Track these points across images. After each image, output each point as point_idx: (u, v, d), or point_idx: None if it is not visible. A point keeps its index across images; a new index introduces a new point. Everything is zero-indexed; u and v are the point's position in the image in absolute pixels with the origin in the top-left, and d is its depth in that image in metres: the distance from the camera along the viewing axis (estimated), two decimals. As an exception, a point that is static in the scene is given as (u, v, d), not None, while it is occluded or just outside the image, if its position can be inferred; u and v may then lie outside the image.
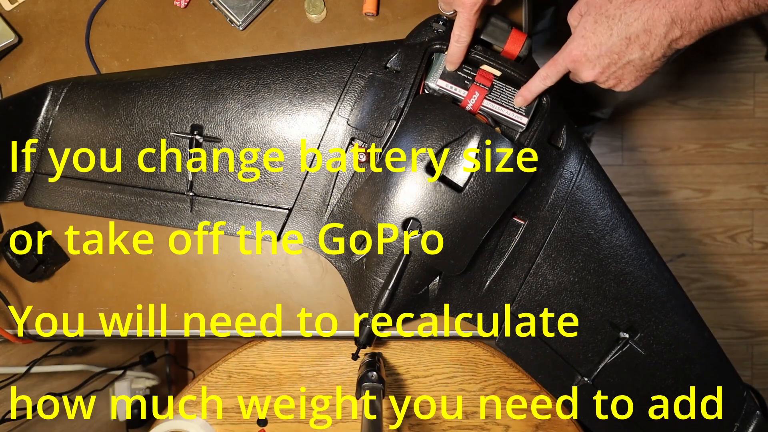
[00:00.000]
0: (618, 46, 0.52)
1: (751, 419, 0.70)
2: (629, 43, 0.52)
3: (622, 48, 0.52)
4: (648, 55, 0.53)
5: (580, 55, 0.54)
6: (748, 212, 1.60)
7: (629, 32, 0.51)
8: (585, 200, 0.65)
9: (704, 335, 0.68)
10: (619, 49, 0.53)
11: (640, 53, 0.52)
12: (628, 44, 0.52)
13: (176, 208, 0.69)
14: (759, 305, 1.62)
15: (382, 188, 0.60)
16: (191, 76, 0.67)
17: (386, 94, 0.63)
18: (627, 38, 0.52)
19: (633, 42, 0.52)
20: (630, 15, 0.51)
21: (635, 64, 0.54)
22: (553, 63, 0.57)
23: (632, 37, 0.52)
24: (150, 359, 1.29)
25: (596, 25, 0.53)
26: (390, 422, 0.77)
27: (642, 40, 0.52)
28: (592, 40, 0.53)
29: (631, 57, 0.53)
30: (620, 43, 0.52)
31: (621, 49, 0.53)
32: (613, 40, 0.52)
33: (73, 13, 0.71)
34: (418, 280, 0.63)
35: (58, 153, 0.69)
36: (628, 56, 0.53)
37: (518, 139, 0.64)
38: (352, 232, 0.66)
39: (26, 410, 0.85)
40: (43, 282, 0.72)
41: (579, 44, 0.54)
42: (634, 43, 0.52)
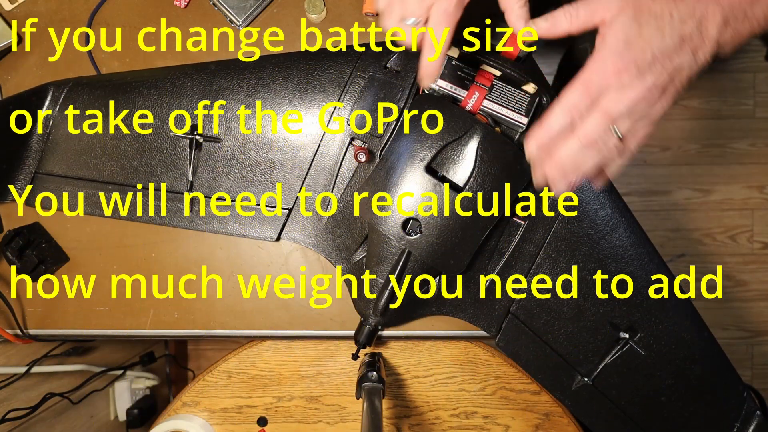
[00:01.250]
0: (671, 49, 0.43)
1: (751, 419, 0.70)
2: (682, 45, 0.43)
3: (676, 50, 0.43)
4: (696, 62, 0.44)
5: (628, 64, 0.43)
6: (748, 212, 1.60)
7: (683, 31, 0.42)
8: (585, 200, 0.65)
9: (704, 335, 0.68)
10: (672, 52, 0.43)
11: (691, 59, 0.43)
12: (681, 46, 0.43)
13: (176, 208, 0.69)
14: (759, 305, 1.62)
15: (382, 188, 0.60)
16: (191, 76, 0.67)
17: (386, 94, 0.63)
18: (681, 38, 0.43)
19: (686, 43, 0.43)
20: (682, 11, 0.42)
21: (683, 76, 0.44)
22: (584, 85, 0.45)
23: (686, 38, 0.43)
24: (150, 359, 1.29)
25: (641, 27, 0.43)
26: (390, 422, 0.77)
27: (695, 41, 0.43)
28: (639, 44, 0.43)
29: (682, 62, 0.43)
30: (674, 45, 0.43)
31: (674, 53, 0.43)
32: (666, 41, 0.43)
33: (73, 13, 0.71)
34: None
35: (59, 154, 0.69)
36: (679, 61, 0.43)
37: (518, 139, 0.64)
38: (353, 232, 0.66)
39: (26, 410, 0.85)
40: (43, 282, 0.72)
41: (622, 51, 0.43)
42: (687, 45, 0.43)
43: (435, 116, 0.59)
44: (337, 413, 0.77)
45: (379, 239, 0.62)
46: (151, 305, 0.72)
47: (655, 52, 0.43)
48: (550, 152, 0.47)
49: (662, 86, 0.44)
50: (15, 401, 0.86)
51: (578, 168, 0.46)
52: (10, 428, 0.84)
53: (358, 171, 0.66)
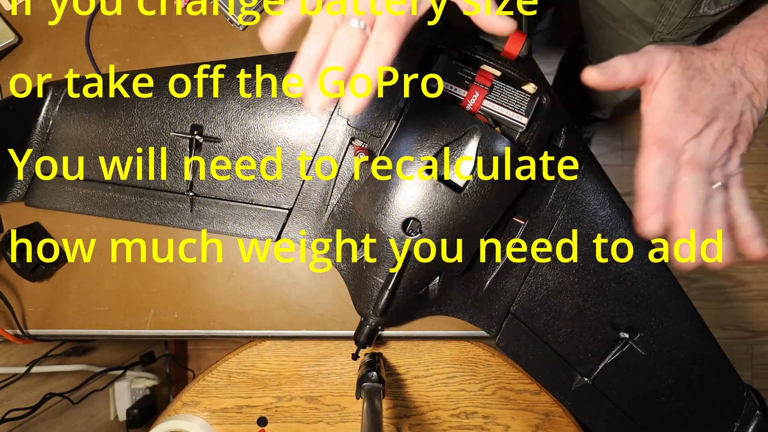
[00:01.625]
0: (726, 96, 0.43)
1: (751, 419, 0.70)
2: (735, 91, 0.44)
3: (731, 96, 0.43)
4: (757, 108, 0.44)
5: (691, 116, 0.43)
6: (748, 212, 1.60)
7: (731, 78, 0.43)
8: (585, 200, 0.65)
9: (704, 335, 0.68)
10: (728, 99, 0.43)
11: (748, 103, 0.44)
12: (734, 92, 0.44)
13: (176, 208, 0.69)
14: (759, 305, 1.62)
15: (382, 188, 0.60)
16: (191, 76, 0.67)
17: (386, 94, 0.63)
18: (731, 85, 0.43)
19: (738, 89, 0.44)
20: (722, 62, 0.44)
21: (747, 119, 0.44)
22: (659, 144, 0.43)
23: (736, 84, 0.44)
24: (150, 359, 1.29)
25: (690, 81, 0.43)
26: (390, 422, 0.77)
27: (746, 88, 0.44)
28: (694, 97, 0.43)
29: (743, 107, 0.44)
30: (726, 92, 0.43)
31: (730, 98, 0.43)
32: (718, 90, 0.43)
33: (73, 13, 0.71)
34: (418, 280, 0.63)
35: (59, 154, 0.69)
36: (738, 106, 0.44)
37: (518, 139, 0.64)
38: (353, 232, 0.66)
39: (26, 410, 0.85)
40: (43, 282, 0.72)
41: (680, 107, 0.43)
42: (740, 91, 0.44)
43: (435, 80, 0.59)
44: (337, 413, 0.77)
45: (379, 239, 0.62)
46: (151, 305, 0.72)
47: (712, 101, 0.43)
48: (680, 217, 0.44)
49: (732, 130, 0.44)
50: (15, 401, 0.86)
51: (718, 225, 0.45)
52: (10, 428, 0.84)
53: (357, 171, 0.66)
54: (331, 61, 0.39)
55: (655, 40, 0.81)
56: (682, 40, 0.81)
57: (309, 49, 0.40)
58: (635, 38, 0.83)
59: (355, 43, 0.39)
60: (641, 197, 0.44)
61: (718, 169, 0.45)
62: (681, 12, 0.74)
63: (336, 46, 0.39)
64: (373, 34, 0.39)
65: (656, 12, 0.76)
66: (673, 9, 0.74)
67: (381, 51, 0.39)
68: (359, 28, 0.39)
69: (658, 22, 0.77)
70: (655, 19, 0.77)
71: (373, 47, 0.39)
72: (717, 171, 0.45)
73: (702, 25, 0.77)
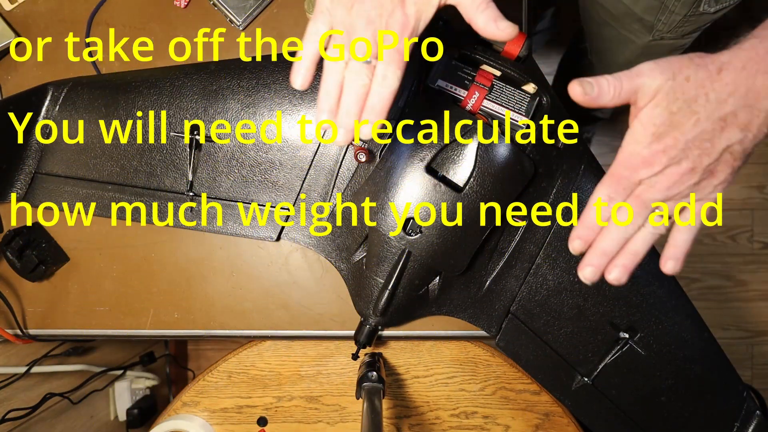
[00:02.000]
0: (709, 132, 0.41)
1: (751, 419, 0.70)
2: (724, 126, 0.41)
3: (715, 132, 0.41)
4: (750, 137, 0.41)
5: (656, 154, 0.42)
6: (748, 212, 1.60)
7: (722, 112, 0.41)
8: (585, 200, 0.65)
9: (704, 335, 0.68)
10: (711, 135, 0.41)
11: (741, 135, 0.41)
12: (723, 127, 0.41)
13: (176, 208, 0.69)
14: (759, 305, 1.62)
15: (382, 188, 0.60)
16: (191, 76, 0.67)
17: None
18: (720, 120, 0.41)
19: (730, 123, 0.41)
20: (719, 90, 0.40)
21: (733, 151, 0.42)
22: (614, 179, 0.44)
23: (728, 118, 0.41)
24: (150, 359, 1.29)
25: (673, 115, 0.41)
26: (390, 422, 0.77)
27: (742, 119, 0.41)
28: (671, 134, 0.41)
29: (730, 140, 0.41)
30: (712, 128, 0.41)
31: (714, 135, 0.41)
32: (701, 126, 0.41)
33: (73, 13, 0.71)
34: (418, 280, 0.63)
35: (59, 154, 0.69)
36: (724, 142, 0.41)
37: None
38: (353, 232, 0.66)
39: (26, 410, 0.85)
40: (43, 282, 0.72)
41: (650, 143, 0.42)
42: (732, 125, 0.41)
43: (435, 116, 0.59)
44: (337, 413, 0.77)
45: (379, 239, 0.62)
46: (151, 305, 0.72)
47: (688, 139, 0.41)
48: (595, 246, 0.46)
49: (705, 167, 0.42)
50: (15, 401, 0.86)
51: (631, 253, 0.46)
52: (10, 428, 0.84)
53: (358, 171, 0.66)
54: (347, 98, 0.44)
55: (655, 38, 0.81)
56: (682, 38, 0.81)
57: (327, 87, 0.45)
58: (635, 37, 0.83)
59: (365, 79, 0.44)
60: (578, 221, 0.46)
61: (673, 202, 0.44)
62: (681, 10, 0.74)
63: (349, 84, 0.44)
64: (378, 68, 0.44)
65: (656, 10, 0.76)
66: (673, 7, 0.74)
67: (388, 82, 0.44)
68: (366, 64, 0.44)
69: (658, 20, 0.77)
70: (655, 18, 0.77)
71: (380, 80, 0.44)
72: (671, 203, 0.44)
73: (702, 23, 0.77)
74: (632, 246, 0.46)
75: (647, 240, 0.46)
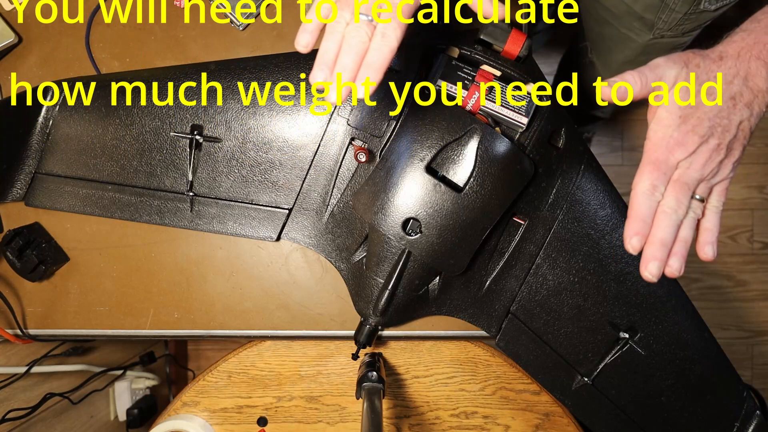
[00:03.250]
0: (725, 110, 0.45)
1: (751, 419, 0.70)
2: (735, 103, 0.45)
3: (730, 110, 0.45)
4: (755, 114, 0.46)
5: (687, 134, 0.45)
6: (748, 212, 1.60)
7: (732, 91, 0.45)
8: (585, 200, 0.65)
9: (704, 335, 0.68)
10: (727, 113, 0.45)
11: (747, 112, 0.46)
12: (734, 104, 0.45)
13: (176, 208, 0.69)
14: (759, 305, 1.62)
15: (382, 188, 0.60)
16: (191, 76, 0.67)
17: (386, 94, 0.63)
18: (732, 98, 0.45)
19: (738, 101, 0.45)
20: (726, 73, 0.45)
21: (744, 128, 0.46)
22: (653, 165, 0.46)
23: (736, 96, 0.45)
24: (150, 359, 1.29)
25: (693, 97, 0.46)
26: (390, 422, 0.77)
27: (746, 98, 0.45)
28: (695, 115, 0.45)
29: (741, 117, 0.46)
30: (726, 106, 0.45)
31: (729, 112, 0.45)
32: (718, 105, 0.45)
33: (73, 14, 0.71)
34: (418, 280, 0.63)
35: (59, 154, 0.69)
36: (737, 117, 0.46)
37: (518, 139, 0.64)
38: (353, 232, 0.66)
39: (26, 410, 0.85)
40: (43, 282, 0.72)
41: (679, 125, 0.46)
42: (740, 102, 0.46)
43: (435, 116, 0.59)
44: (337, 413, 0.77)
45: (379, 239, 0.62)
46: (151, 305, 0.72)
47: (710, 117, 0.45)
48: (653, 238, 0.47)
49: (728, 144, 0.46)
50: (15, 401, 0.86)
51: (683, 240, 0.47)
52: (10, 428, 0.84)
53: (358, 171, 0.66)
54: (345, 55, 0.44)
55: (656, 36, 0.81)
56: (682, 36, 0.81)
57: (326, 45, 0.45)
58: (635, 35, 0.83)
59: (364, 36, 0.44)
60: (629, 216, 0.47)
61: (705, 182, 0.47)
62: (681, 8, 0.74)
63: (348, 40, 0.44)
64: (379, 26, 0.44)
65: (656, 8, 0.76)
66: (673, 5, 0.74)
67: (387, 39, 0.44)
68: (367, 21, 0.44)
69: (658, 18, 0.77)
70: (655, 16, 0.77)
71: (379, 37, 0.44)
72: (703, 184, 0.47)
73: (702, 20, 0.77)
74: (682, 233, 0.47)
75: (692, 225, 0.47)
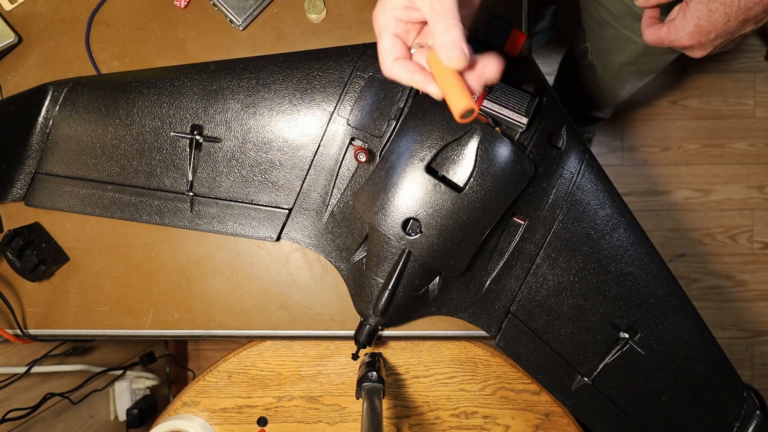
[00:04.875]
0: (735, 28, 0.54)
1: (751, 419, 0.70)
2: (745, 23, 0.53)
3: (738, 28, 0.54)
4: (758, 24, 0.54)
5: (694, 42, 0.56)
6: (748, 212, 1.60)
7: (748, 16, 0.52)
8: (585, 200, 0.65)
9: (704, 335, 0.68)
10: (735, 29, 0.54)
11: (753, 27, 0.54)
12: (744, 24, 0.53)
13: (176, 208, 0.69)
14: (759, 305, 1.62)
15: (382, 188, 0.60)
16: (191, 76, 0.67)
17: (386, 94, 0.63)
18: (745, 20, 0.53)
19: (749, 22, 0.53)
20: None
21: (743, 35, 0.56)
22: (663, 41, 0.58)
23: (750, 19, 0.53)
24: (150, 359, 1.29)
25: (711, 14, 0.53)
26: (390, 422, 0.77)
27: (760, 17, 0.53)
28: (707, 28, 0.54)
29: (744, 32, 0.55)
30: (737, 26, 0.53)
31: (737, 29, 0.54)
32: (730, 24, 0.53)
33: (73, 13, 0.71)
34: (418, 280, 0.63)
35: (59, 154, 0.69)
36: (741, 32, 0.55)
37: (518, 139, 0.64)
38: (353, 232, 0.66)
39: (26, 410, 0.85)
40: (43, 282, 0.72)
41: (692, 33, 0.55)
42: (750, 22, 0.53)
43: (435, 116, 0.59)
44: (337, 413, 0.77)
45: (379, 239, 0.62)
46: (151, 305, 0.72)
47: (719, 32, 0.54)
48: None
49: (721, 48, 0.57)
50: (15, 401, 0.86)
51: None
52: (10, 428, 0.84)
53: (358, 171, 0.66)
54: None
55: None
56: None
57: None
58: (636, 36, 0.83)
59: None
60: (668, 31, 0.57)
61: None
62: None
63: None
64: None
65: None
66: None
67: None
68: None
69: None
70: None
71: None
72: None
73: None
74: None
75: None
